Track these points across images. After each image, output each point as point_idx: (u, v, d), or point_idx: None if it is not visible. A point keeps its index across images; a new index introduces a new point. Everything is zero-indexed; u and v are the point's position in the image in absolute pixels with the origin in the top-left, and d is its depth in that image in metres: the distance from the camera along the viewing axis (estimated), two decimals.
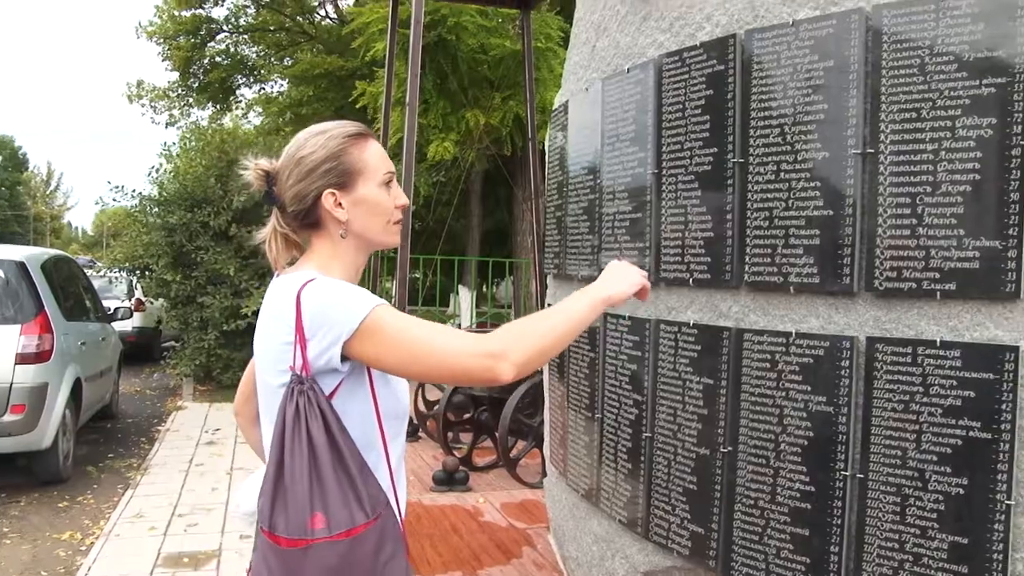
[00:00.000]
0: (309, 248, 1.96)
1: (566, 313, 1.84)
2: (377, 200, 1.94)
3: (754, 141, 2.84)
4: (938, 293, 2.39)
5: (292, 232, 1.96)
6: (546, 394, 4.64)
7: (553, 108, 4.51)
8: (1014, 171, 2.25)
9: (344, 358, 1.76)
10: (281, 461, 1.77)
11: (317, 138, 1.92)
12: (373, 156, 1.95)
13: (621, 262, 2.08)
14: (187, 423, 10.16)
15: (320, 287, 1.79)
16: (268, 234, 1.96)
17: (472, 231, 19.71)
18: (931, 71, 2.40)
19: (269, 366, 1.85)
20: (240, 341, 11.96)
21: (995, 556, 2.28)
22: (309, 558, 1.73)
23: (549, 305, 4.34)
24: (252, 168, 1.93)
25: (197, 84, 25.92)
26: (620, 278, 1.99)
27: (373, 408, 1.86)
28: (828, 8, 2.66)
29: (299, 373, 1.77)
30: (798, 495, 2.71)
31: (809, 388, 2.68)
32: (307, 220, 1.92)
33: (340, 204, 1.90)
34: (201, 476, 7.66)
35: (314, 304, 1.76)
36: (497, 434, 6.57)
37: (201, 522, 6.32)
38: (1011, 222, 2.25)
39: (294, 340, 1.77)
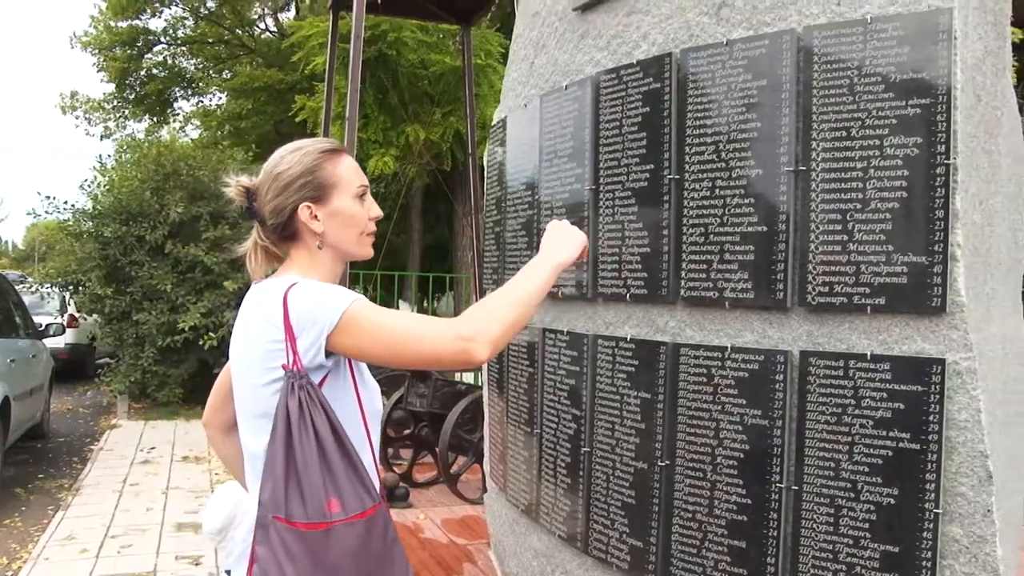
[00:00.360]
0: (288, 259, 2.07)
1: (528, 285, 1.98)
2: (351, 212, 2.05)
3: (690, 158, 2.88)
4: (868, 308, 2.44)
5: (272, 245, 2.06)
6: (486, 410, 4.64)
7: (492, 124, 4.52)
8: (939, 189, 2.31)
9: (328, 353, 1.86)
10: (289, 452, 1.85)
11: (293, 154, 2.02)
12: (347, 170, 2.06)
13: (561, 221, 2.23)
14: (121, 442, 9.96)
15: (303, 287, 1.90)
16: (249, 247, 2.07)
17: (412, 246, 19.65)
18: (860, 91, 2.46)
19: (254, 367, 1.93)
20: (176, 358, 11.77)
21: (924, 564, 2.33)
22: (332, 540, 1.83)
23: None
24: (233, 184, 2.04)
25: (134, 96, 25.50)
26: (566, 241, 2.15)
27: (357, 404, 1.97)
28: (761, 28, 2.72)
29: (294, 370, 1.86)
30: (735, 507, 2.74)
31: (744, 402, 2.71)
32: (285, 233, 2.02)
33: (316, 216, 2.00)
34: (136, 496, 7.51)
35: (299, 303, 1.86)
36: (437, 450, 6.54)
37: (135, 543, 6.19)
38: (937, 238, 2.31)
39: (284, 339, 1.86)
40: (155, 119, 26.16)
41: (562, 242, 2.15)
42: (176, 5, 23.72)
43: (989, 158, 2.50)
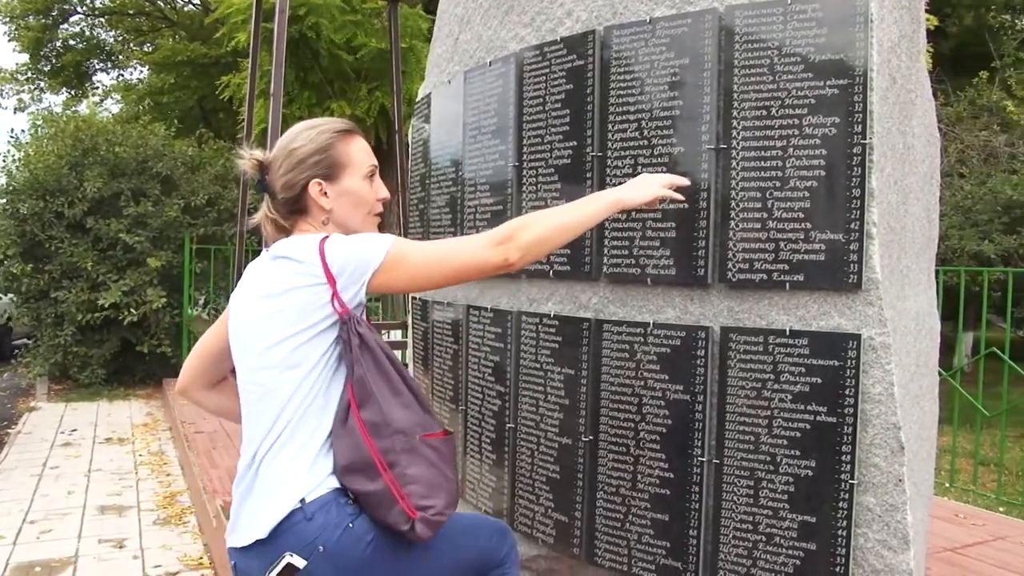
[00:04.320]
0: (297, 231, 2.15)
1: (574, 210, 2.09)
2: (360, 192, 2.16)
3: (612, 135, 2.89)
4: (787, 284, 2.49)
5: (281, 218, 2.16)
6: None
7: (417, 100, 4.48)
8: (855, 168, 2.36)
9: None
10: (404, 379, 2.01)
11: (309, 132, 2.14)
12: (358, 151, 2.17)
13: (655, 174, 2.27)
14: (41, 424, 9.71)
15: (339, 238, 2.00)
16: (260, 218, 2.19)
17: None
18: (780, 71, 2.49)
19: (287, 321, 1.97)
20: (98, 337, 11.50)
21: (840, 532, 2.39)
22: (450, 443, 2.07)
23: (414, 300, 4.33)
24: (247, 157, 2.15)
25: (49, 68, 24.76)
26: (639, 185, 2.20)
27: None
28: (684, 7, 2.73)
29: (342, 314, 1.96)
30: (657, 481, 2.78)
31: (667, 377, 2.75)
32: (295, 207, 2.13)
33: (325, 193, 2.12)
34: (56, 480, 7.33)
35: (338, 251, 1.97)
36: None
37: (56, 528, 6.05)
38: (853, 216, 2.36)
39: (326, 284, 1.95)
40: (73, 92, 25.44)
41: (635, 184, 2.20)
42: None
43: (904, 139, 2.56)
